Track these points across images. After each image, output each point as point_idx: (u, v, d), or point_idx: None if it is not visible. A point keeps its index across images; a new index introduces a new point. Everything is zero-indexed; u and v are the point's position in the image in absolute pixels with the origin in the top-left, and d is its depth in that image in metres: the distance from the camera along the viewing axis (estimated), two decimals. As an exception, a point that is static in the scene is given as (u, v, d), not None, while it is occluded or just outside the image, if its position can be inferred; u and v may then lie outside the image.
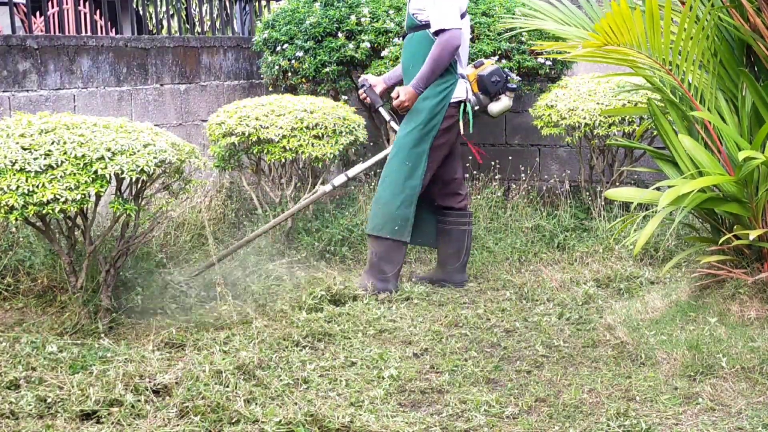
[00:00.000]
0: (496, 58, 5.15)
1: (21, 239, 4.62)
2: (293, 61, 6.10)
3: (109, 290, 4.16)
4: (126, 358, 3.63)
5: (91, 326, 4.04)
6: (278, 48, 6.25)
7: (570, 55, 4.15)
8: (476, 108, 4.77)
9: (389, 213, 4.66)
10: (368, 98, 4.89)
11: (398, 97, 4.65)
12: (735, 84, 4.01)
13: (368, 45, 5.96)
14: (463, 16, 4.63)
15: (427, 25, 4.58)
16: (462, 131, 4.68)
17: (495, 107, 4.76)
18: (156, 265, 4.81)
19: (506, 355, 3.80)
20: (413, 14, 4.64)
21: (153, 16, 10.91)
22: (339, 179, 4.97)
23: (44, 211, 3.73)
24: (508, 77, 4.74)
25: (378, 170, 6.69)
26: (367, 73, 5.28)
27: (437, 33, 4.52)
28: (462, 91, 4.66)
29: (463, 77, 4.68)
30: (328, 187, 4.98)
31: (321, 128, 5.27)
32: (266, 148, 5.35)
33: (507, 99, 4.77)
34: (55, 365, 3.57)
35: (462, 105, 4.67)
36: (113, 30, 9.43)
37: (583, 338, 3.95)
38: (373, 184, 6.31)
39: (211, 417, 3.13)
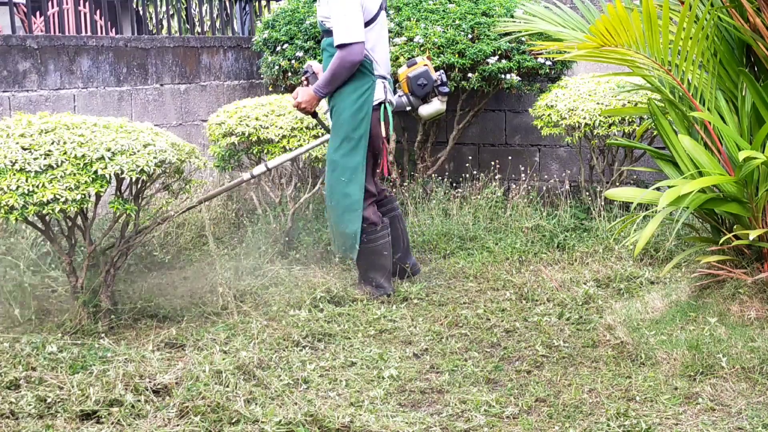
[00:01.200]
0: (423, 58, 4.93)
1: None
2: (293, 61, 6.10)
3: (109, 290, 4.17)
4: (126, 358, 3.63)
5: (91, 326, 4.05)
6: (278, 48, 6.25)
7: (568, 55, 4.16)
8: (408, 109, 4.69)
9: (342, 233, 4.57)
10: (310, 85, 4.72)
11: (296, 97, 4.53)
12: (735, 84, 4.01)
13: (368, 45, 5.95)
14: (374, 18, 4.47)
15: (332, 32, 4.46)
16: (384, 133, 4.55)
17: (425, 110, 4.67)
18: (156, 265, 4.81)
19: (506, 355, 3.81)
20: (321, 21, 4.53)
21: (153, 16, 10.91)
22: (258, 169, 4.75)
23: (44, 211, 3.73)
24: (441, 80, 4.63)
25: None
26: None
27: (338, 47, 4.38)
28: (381, 92, 4.51)
29: (382, 78, 4.54)
30: (246, 176, 4.77)
31: (321, 128, 5.27)
32: (266, 148, 5.35)
33: (438, 103, 4.66)
34: (55, 365, 3.57)
35: (382, 107, 4.53)
36: (113, 30, 9.44)
37: (583, 338, 3.95)
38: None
39: (211, 417, 3.13)
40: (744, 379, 3.39)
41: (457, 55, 5.89)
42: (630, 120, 5.58)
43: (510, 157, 6.80)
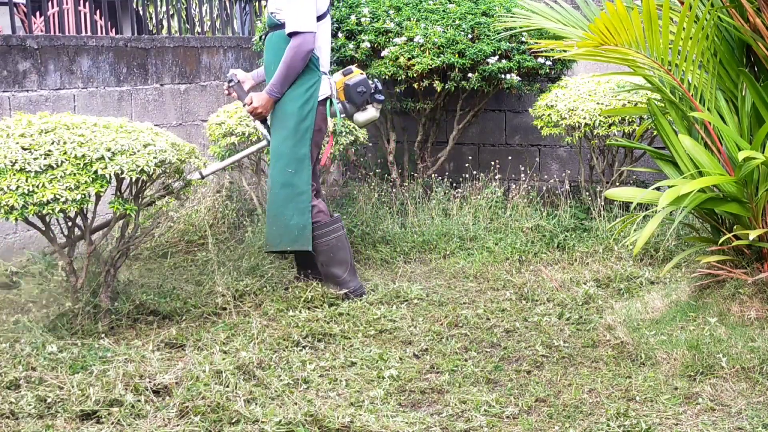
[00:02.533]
0: (354, 68, 4.84)
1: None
2: (293, 61, 6.09)
3: (108, 290, 4.17)
4: (126, 358, 3.63)
5: (91, 326, 4.04)
6: (278, 48, 6.24)
7: (568, 54, 4.15)
8: (342, 116, 4.67)
9: (284, 225, 4.51)
10: (234, 94, 4.68)
11: (251, 102, 4.49)
12: (735, 84, 4.01)
13: (368, 45, 5.96)
14: (323, 16, 4.51)
15: (284, 25, 4.44)
16: (331, 128, 4.61)
17: (360, 117, 4.66)
18: (155, 265, 4.81)
19: (506, 355, 3.80)
20: (272, 13, 4.51)
21: (153, 16, 10.91)
22: (209, 168, 4.64)
23: (44, 211, 3.73)
24: (376, 88, 4.65)
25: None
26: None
27: (291, 35, 4.39)
28: (327, 87, 4.53)
29: (326, 74, 4.57)
30: (195, 175, 4.64)
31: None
32: (266, 148, 5.35)
33: (373, 110, 4.67)
34: (55, 365, 3.57)
35: (328, 101, 4.55)
36: (113, 30, 9.43)
37: (583, 338, 3.95)
38: (373, 183, 6.32)
39: (211, 417, 3.13)
40: (744, 379, 3.39)
41: (457, 55, 5.89)
42: (630, 120, 5.58)
43: (510, 157, 6.80)
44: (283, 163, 4.48)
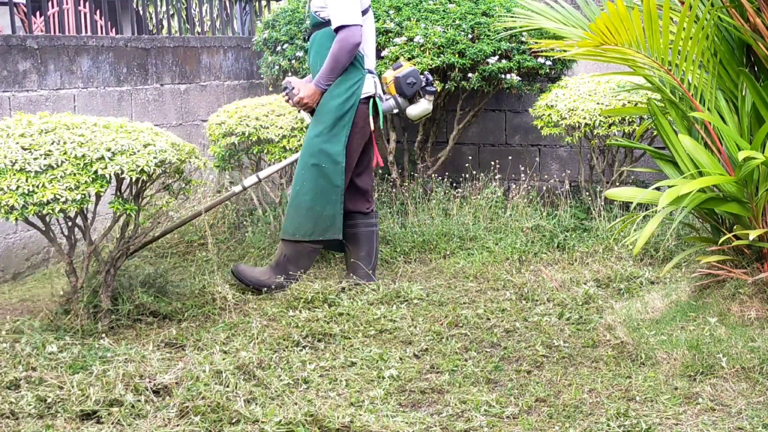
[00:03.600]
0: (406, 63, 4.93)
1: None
2: (293, 61, 6.10)
3: (109, 290, 4.17)
4: (126, 358, 3.63)
5: (91, 326, 4.05)
6: (278, 48, 6.25)
7: (568, 54, 4.15)
8: (395, 111, 4.71)
9: (315, 216, 4.56)
10: (291, 101, 4.65)
11: (299, 92, 4.50)
12: (735, 84, 4.01)
13: (368, 45, 5.95)
14: (365, 12, 4.53)
15: (329, 23, 4.46)
16: (372, 127, 4.58)
17: (413, 110, 4.70)
18: (155, 265, 4.81)
19: (506, 355, 3.80)
20: (315, 12, 4.53)
21: (153, 16, 10.92)
22: (250, 180, 4.82)
23: (44, 211, 3.73)
24: (427, 80, 4.68)
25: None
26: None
27: (337, 30, 4.40)
28: (370, 86, 4.54)
29: (371, 72, 4.58)
30: (238, 188, 4.83)
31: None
32: (266, 148, 5.35)
33: (426, 102, 4.71)
34: (55, 365, 3.57)
35: (372, 100, 4.56)
36: (113, 30, 9.44)
37: (583, 338, 3.95)
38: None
39: (211, 417, 3.13)
40: (744, 379, 3.39)
41: (457, 55, 5.89)
42: (630, 120, 5.58)
43: (510, 157, 6.80)
44: (317, 158, 4.52)
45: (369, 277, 4.79)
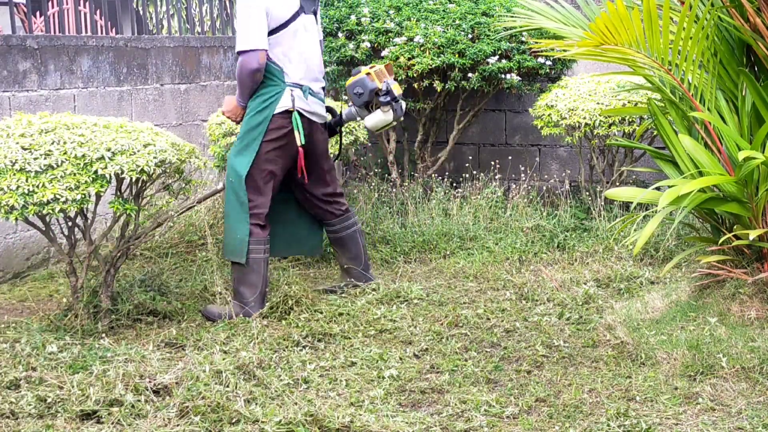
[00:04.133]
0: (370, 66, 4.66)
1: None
2: (293, 61, 6.09)
3: (109, 290, 4.17)
4: (126, 358, 3.63)
5: (91, 326, 4.04)
6: (278, 48, 6.24)
7: (568, 53, 4.15)
8: (358, 119, 4.60)
9: (232, 235, 4.37)
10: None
11: (223, 105, 4.52)
12: (735, 84, 4.01)
13: (368, 45, 5.96)
14: (286, 24, 4.32)
15: None
16: (299, 141, 4.33)
17: (368, 121, 4.53)
18: (156, 265, 4.80)
19: (506, 355, 3.80)
20: None
21: (153, 16, 10.91)
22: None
23: (44, 211, 3.73)
24: (385, 90, 4.44)
25: (376, 168, 6.69)
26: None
27: (238, 53, 4.27)
28: (288, 100, 4.32)
29: (297, 86, 4.36)
30: (220, 185, 4.72)
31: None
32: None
33: (381, 113, 4.49)
34: (55, 365, 3.57)
35: (293, 115, 4.34)
36: (113, 30, 9.43)
37: (583, 338, 3.95)
38: (373, 183, 6.32)
39: (211, 417, 3.13)
40: (744, 379, 3.39)
41: (457, 55, 5.89)
42: (630, 120, 5.58)
43: (510, 157, 6.80)
44: (230, 174, 4.37)
45: (365, 277, 4.76)
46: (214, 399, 3.20)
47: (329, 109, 4.65)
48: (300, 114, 4.37)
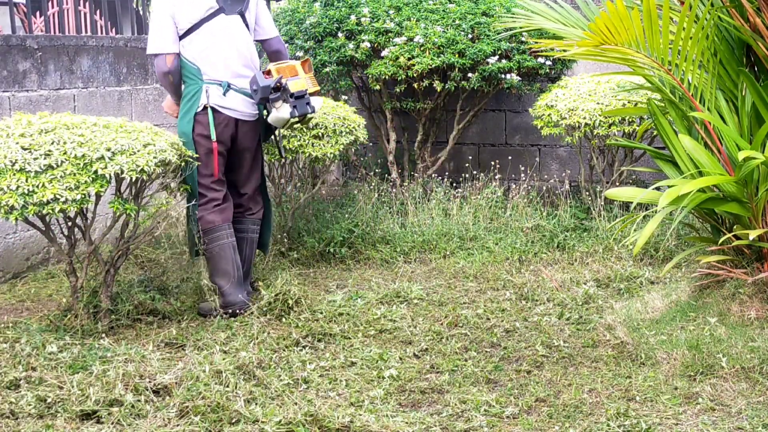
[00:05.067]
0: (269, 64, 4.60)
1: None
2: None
3: (109, 290, 4.17)
4: (126, 358, 3.63)
5: (91, 326, 4.05)
6: (278, 48, 6.24)
7: (568, 53, 4.15)
8: (224, 123, 4.43)
9: (191, 233, 4.53)
10: None
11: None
12: (735, 84, 4.01)
13: (368, 45, 5.96)
14: (201, 23, 4.35)
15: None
16: (212, 137, 4.33)
17: (270, 117, 4.46)
18: (157, 265, 4.80)
19: (506, 355, 3.80)
20: None
21: (153, 16, 10.89)
22: None
23: (44, 211, 3.73)
24: (276, 86, 4.32)
25: (377, 168, 6.69)
26: (366, 73, 5.15)
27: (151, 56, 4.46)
28: (204, 97, 4.35)
29: (216, 83, 4.37)
30: None
31: (321, 128, 5.27)
32: (266, 147, 5.35)
33: (275, 110, 4.39)
34: (55, 365, 3.57)
35: (209, 111, 4.35)
36: (113, 30, 9.43)
37: (583, 338, 3.95)
38: (373, 183, 6.32)
39: (211, 417, 3.13)
40: (744, 379, 3.39)
41: (457, 55, 5.89)
42: (630, 120, 5.58)
43: (510, 157, 6.80)
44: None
45: (222, 300, 4.41)
46: (214, 399, 3.20)
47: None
48: (215, 110, 4.36)
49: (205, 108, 4.37)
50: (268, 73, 4.45)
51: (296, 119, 4.44)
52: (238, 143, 4.50)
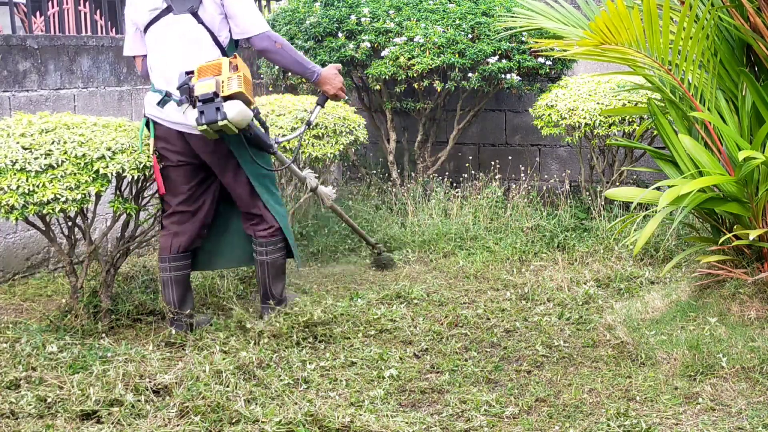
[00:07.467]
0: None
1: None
2: (293, 61, 6.09)
3: (109, 290, 4.17)
4: (126, 358, 3.63)
5: (91, 326, 4.04)
6: (278, 48, 6.24)
7: (568, 53, 4.15)
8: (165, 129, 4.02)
9: None
10: None
11: None
12: (735, 84, 4.01)
13: (368, 45, 5.96)
14: (149, 26, 3.96)
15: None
16: (151, 149, 3.95)
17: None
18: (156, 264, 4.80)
19: (506, 355, 3.80)
20: None
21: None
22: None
23: (44, 211, 3.73)
24: (179, 87, 3.80)
25: (377, 172, 6.69)
26: (366, 73, 5.11)
27: None
28: (145, 107, 4.03)
29: (159, 93, 3.94)
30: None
31: (321, 128, 5.27)
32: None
33: (185, 117, 3.85)
34: (55, 365, 3.57)
35: (150, 122, 4.01)
36: (113, 30, 9.43)
37: (583, 338, 3.95)
38: (373, 183, 6.32)
39: (211, 417, 3.13)
40: (744, 379, 3.39)
41: (457, 55, 5.89)
42: (630, 120, 5.58)
43: (510, 157, 6.80)
44: None
45: (261, 307, 4.27)
46: (214, 399, 3.20)
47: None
48: (155, 122, 3.97)
49: (148, 120, 4.00)
50: (193, 72, 3.85)
51: (204, 127, 3.71)
52: (202, 158, 4.00)
